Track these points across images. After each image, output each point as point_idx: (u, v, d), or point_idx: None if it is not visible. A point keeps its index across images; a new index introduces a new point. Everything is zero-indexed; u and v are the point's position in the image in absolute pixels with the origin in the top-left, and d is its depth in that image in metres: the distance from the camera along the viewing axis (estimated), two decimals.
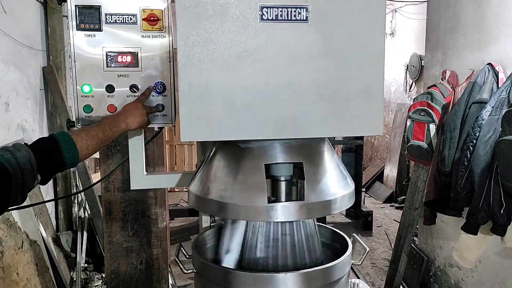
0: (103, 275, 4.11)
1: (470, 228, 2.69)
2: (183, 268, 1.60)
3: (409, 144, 3.34)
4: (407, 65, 7.44)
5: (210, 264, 1.54)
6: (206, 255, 1.73)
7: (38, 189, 3.76)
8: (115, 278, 2.69)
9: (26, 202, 1.35)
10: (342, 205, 1.46)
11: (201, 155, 1.89)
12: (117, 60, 1.62)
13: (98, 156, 2.72)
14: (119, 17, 1.60)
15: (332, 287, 1.50)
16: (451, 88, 3.26)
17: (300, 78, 1.35)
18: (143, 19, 1.61)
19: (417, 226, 3.98)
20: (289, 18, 1.31)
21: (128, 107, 1.58)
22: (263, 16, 1.30)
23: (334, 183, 1.46)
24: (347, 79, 1.37)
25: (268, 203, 1.35)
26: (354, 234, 1.78)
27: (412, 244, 3.89)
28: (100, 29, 1.60)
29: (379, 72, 1.39)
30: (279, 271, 1.45)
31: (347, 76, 1.37)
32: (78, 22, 1.59)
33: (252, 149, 1.42)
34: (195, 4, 1.28)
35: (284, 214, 1.37)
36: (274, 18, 1.31)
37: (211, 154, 1.53)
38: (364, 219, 6.06)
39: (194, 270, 1.60)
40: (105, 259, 2.72)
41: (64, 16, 4.44)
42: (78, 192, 4.51)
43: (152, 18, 1.62)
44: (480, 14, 3.18)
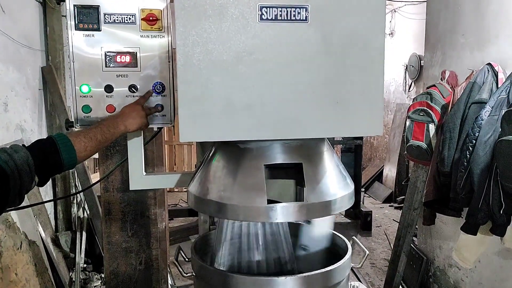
0: (102, 276, 4.10)
1: (470, 228, 2.69)
2: (182, 271, 1.60)
3: (408, 144, 3.34)
4: (407, 65, 7.44)
5: (209, 267, 1.53)
6: (206, 258, 1.72)
7: (37, 189, 3.75)
8: (114, 279, 2.69)
9: (24, 203, 1.35)
10: (342, 205, 1.46)
11: (200, 155, 1.88)
12: (116, 60, 1.61)
13: (97, 157, 2.72)
14: (118, 17, 1.60)
15: None
16: (451, 88, 3.26)
17: (300, 78, 1.34)
18: (142, 19, 1.61)
19: (416, 226, 3.97)
20: (288, 18, 1.31)
21: (127, 109, 1.57)
22: (263, 16, 1.30)
23: (333, 183, 1.46)
24: (346, 79, 1.37)
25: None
26: (354, 236, 1.78)
27: (411, 244, 3.89)
28: (99, 29, 1.59)
29: (378, 72, 1.39)
30: (279, 275, 1.44)
31: (346, 76, 1.36)
32: (77, 22, 1.58)
33: (251, 149, 1.42)
34: (194, 4, 1.27)
35: (284, 215, 1.36)
36: (273, 18, 1.30)
37: (211, 154, 1.52)
38: (363, 219, 6.05)
39: (193, 274, 1.59)
40: (104, 260, 2.71)
41: (63, 16, 4.43)
42: (77, 192, 4.51)
43: (151, 18, 1.61)
44: (480, 14, 3.18)
